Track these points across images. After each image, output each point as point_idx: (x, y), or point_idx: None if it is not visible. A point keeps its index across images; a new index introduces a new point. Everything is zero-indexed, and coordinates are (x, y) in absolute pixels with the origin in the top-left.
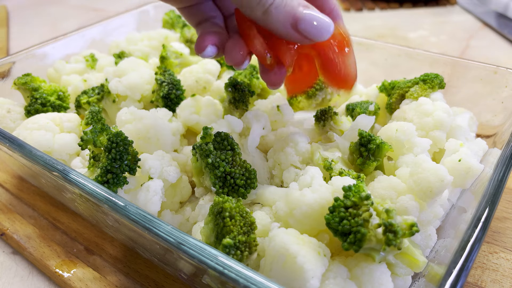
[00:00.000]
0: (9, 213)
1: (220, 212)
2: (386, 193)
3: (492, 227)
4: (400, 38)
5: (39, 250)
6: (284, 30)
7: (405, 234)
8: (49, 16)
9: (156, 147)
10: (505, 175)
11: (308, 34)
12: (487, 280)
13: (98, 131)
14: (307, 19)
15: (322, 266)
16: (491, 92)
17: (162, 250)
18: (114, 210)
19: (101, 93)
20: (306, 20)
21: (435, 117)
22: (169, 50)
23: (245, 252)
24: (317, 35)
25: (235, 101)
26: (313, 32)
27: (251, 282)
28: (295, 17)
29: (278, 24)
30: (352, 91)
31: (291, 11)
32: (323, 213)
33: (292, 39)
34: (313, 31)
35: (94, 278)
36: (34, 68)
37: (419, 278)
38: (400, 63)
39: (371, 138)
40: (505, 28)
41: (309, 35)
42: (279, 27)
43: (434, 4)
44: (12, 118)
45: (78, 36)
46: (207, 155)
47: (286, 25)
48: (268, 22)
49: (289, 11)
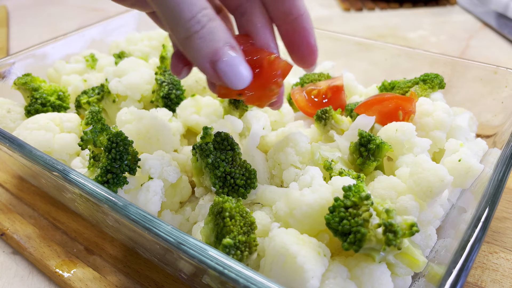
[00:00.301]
0: (9, 213)
1: (220, 212)
2: (386, 193)
3: (492, 227)
4: (400, 38)
5: (39, 250)
6: (202, 63)
7: (405, 234)
8: (49, 16)
9: (156, 147)
10: (505, 175)
11: (224, 77)
12: (487, 280)
13: (98, 131)
14: (227, 61)
15: (322, 266)
16: (491, 92)
17: (162, 250)
18: (114, 210)
19: (101, 93)
20: (225, 62)
21: (435, 117)
22: (169, 50)
23: (245, 252)
24: (232, 82)
25: (235, 101)
26: (230, 77)
27: (251, 282)
28: (217, 54)
29: (197, 54)
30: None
31: (214, 47)
32: (323, 213)
33: (206, 73)
34: (230, 76)
35: (94, 278)
36: (34, 68)
37: (419, 278)
38: (400, 63)
39: (371, 138)
40: (505, 28)
41: (224, 78)
42: (198, 58)
43: (434, 4)
44: (12, 118)
45: (78, 36)
46: (207, 155)
47: (205, 59)
48: (187, 49)
49: (212, 46)
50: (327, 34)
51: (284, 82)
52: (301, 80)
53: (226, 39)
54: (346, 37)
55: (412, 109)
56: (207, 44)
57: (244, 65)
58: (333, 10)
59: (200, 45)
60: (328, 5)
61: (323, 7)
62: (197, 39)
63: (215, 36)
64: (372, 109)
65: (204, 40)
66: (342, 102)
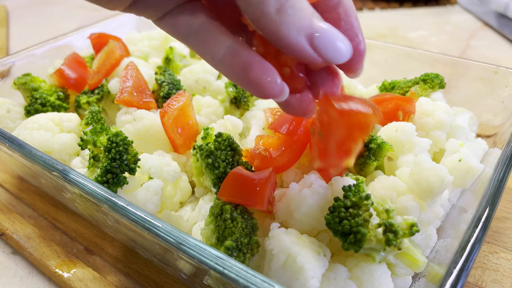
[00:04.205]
0: (9, 213)
1: (220, 213)
2: (386, 193)
3: (492, 227)
4: (400, 38)
5: (39, 250)
6: (297, 39)
7: (405, 234)
8: (49, 16)
9: (156, 147)
10: (505, 175)
11: (324, 51)
12: (488, 280)
13: (98, 131)
14: (325, 33)
15: (322, 266)
16: (492, 92)
17: (162, 250)
18: (114, 210)
19: (100, 93)
20: (324, 35)
21: (435, 117)
22: (176, 52)
23: (247, 254)
24: (334, 56)
25: (236, 101)
26: (331, 51)
27: (251, 282)
28: (313, 26)
29: (292, 30)
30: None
31: (308, 17)
32: (323, 213)
33: (301, 54)
34: (331, 49)
35: (94, 278)
36: (34, 68)
37: (419, 278)
38: (400, 63)
39: (372, 138)
40: (505, 28)
41: (325, 53)
42: (292, 33)
43: (434, 3)
44: (12, 118)
45: (78, 36)
46: (207, 155)
47: (301, 33)
48: (280, 25)
49: (306, 17)
50: None
51: None
52: None
53: (313, 10)
54: None
55: (411, 109)
56: (300, 15)
57: (341, 36)
58: None
59: (294, 17)
60: None
61: None
62: (289, 8)
63: (304, 5)
64: None
65: (296, 10)
66: None
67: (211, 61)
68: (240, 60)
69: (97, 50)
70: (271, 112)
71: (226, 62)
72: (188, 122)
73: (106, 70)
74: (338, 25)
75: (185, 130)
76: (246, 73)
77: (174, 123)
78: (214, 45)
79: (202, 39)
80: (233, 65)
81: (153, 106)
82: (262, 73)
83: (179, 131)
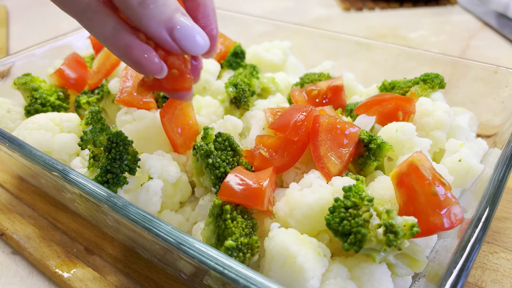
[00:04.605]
0: (9, 213)
1: (220, 213)
2: (386, 193)
3: (492, 227)
4: (400, 38)
5: (39, 250)
6: (158, 30)
7: (406, 234)
8: (49, 16)
9: (156, 147)
10: (505, 175)
11: (184, 43)
12: (488, 280)
13: (98, 131)
14: (186, 28)
15: (322, 266)
16: (492, 92)
17: (162, 250)
18: (114, 210)
19: (100, 93)
20: (184, 29)
21: (436, 117)
22: None
23: (247, 254)
24: (192, 48)
25: (236, 100)
26: (190, 44)
27: (251, 282)
28: (171, 20)
29: (152, 22)
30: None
31: (168, 12)
32: (323, 213)
33: (162, 42)
34: (190, 42)
35: (94, 278)
36: (34, 68)
37: (419, 278)
38: (400, 63)
39: (372, 138)
40: (505, 28)
41: (184, 45)
42: (153, 25)
43: (434, 4)
44: (12, 118)
45: (78, 36)
46: (207, 156)
47: (161, 27)
48: (142, 17)
49: (166, 12)
50: (327, 34)
51: (284, 82)
52: (301, 80)
53: (177, 5)
54: (346, 37)
55: (411, 109)
56: (161, 9)
57: (200, 31)
58: (333, 10)
59: (155, 10)
60: (328, 5)
61: (323, 7)
62: (151, 3)
63: (167, 1)
64: (371, 110)
65: (157, 5)
66: (342, 102)
67: (98, 39)
68: (123, 42)
69: (97, 50)
70: (271, 112)
71: (110, 42)
72: (188, 122)
73: (106, 70)
74: (196, 12)
75: (185, 130)
76: (128, 54)
77: (174, 123)
78: (100, 25)
79: (90, 18)
80: (116, 45)
81: (153, 106)
82: (141, 54)
83: (179, 131)
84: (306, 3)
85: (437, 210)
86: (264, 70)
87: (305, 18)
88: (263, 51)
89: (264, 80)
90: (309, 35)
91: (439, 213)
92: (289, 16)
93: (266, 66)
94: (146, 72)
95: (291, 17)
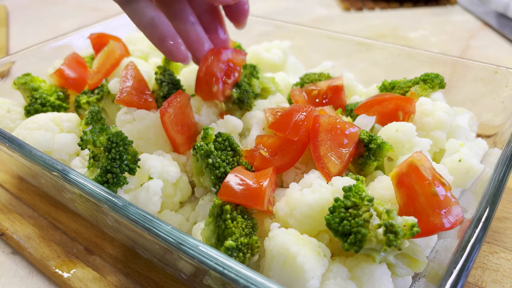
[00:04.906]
0: (9, 213)
1: (220, 213)
2: (386, 193)
3: (492, 227)
4: (400, 38)
5: (39, 250)
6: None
7: (406, 234)
8: (49, 16)
9: (156, 147)
10: (505, 175)
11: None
12: (488, 280)
13: (97, 131)
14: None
15: (322, 266)
16: (492, 92)
17: (162, 250)
18: (114, 210)
19: (100, 93)
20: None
21: (436, 117)
22: None
23: (247, 254)
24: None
25: (239, 101)
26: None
27: (251, 282)
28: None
29: None
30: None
31: None
32: (323, 213)
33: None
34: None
35: (94, 278)
36: (34, 68)
37: (419, 278)
38: (400, 63)
39: (372, 138)
40: (505, 28)
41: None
42: None
43: (435, 4)
44: (12, 118)
45: (78, 36)
46: (207, 155)
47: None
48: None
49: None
50: (327, 34)
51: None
52: (301, 80)
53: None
54: (346, 37)
55: (411, 109)
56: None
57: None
58: (333, 10)
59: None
60: (328, 5)
61: (323, 7)
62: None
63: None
64: (371, 110)
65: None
66: (342, 102)
67: (138, 26)
68: (158, 32)
69: (97, 50)
70: (271, 112)
71: (148, 31)
72: (188, 121)
73: (106, 70)
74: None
75: (185, 129)
76: (162, 43)
77: (174, 122)
78: (140, 15)
79: (132, 7)
80: (153, 34)
81: (153, 106)
82: (173, 44)
83: (179, 130)
84: (306, 3)
85: (437, 210)
86: (264, 70)
87: (305, 18)
88: (263, 51)
89: (264, 80)
90: (309, 35)
91: (439, 213)
92: (289, 16)
93: (266, 66)
94: (175, 59)
95: (291, 17)
